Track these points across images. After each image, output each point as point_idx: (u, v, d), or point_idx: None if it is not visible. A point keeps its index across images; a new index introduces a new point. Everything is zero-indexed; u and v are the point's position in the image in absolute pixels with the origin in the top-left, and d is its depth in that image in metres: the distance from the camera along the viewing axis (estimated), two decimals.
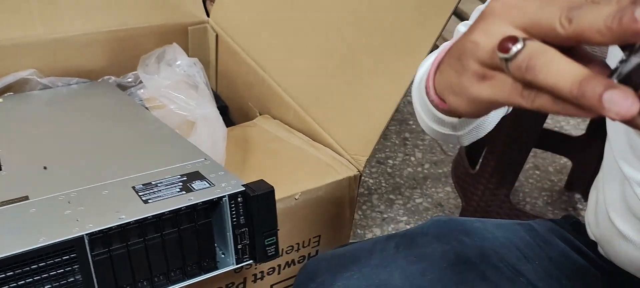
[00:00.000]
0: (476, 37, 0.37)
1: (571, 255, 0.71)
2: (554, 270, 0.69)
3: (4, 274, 0.56)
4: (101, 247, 0.60)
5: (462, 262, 0.68)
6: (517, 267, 0.69)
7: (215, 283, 0.96)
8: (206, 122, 1.06)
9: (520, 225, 0.75)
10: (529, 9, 0.34)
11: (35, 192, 0.69)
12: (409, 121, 2.02)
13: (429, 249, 0.70)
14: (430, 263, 0.69)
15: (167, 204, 0.63)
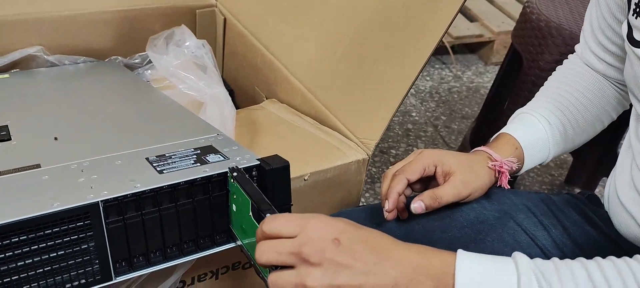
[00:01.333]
0: None
1: (585, 227, 0.72)
2: (567, 240, 0.70)
3: (17, 238, 0.55)
4: (115, 215, 0.59)
5: (481, 223, 0.69)
6: (533, 233, 0.70)
7: (222, 262, 0.96)
8: (215, 102, 1.06)
9: (538, 194, 0.77)
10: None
11: (46, 160, 0.68)
12: (412, 113, 2.02)
13: (451, 209, 0.71)
14: (451, 221, 0.71)
15: (182, 175, 0.63)
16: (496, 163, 0.71)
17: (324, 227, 0.50)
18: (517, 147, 0.74)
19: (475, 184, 0.70)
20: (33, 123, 0.86)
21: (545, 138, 0.75)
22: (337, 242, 0.49)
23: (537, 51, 1.25)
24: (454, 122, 1.98)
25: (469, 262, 0.50)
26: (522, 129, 0.76)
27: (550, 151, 0.76)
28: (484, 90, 2.32)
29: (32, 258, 0.56)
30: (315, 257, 0.49)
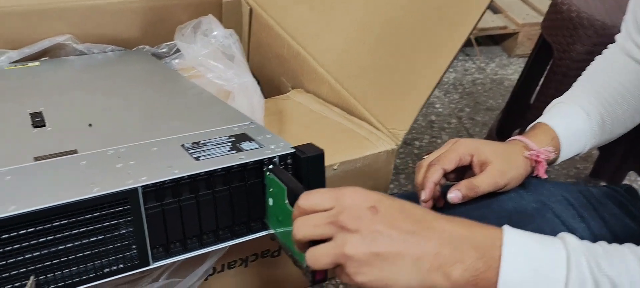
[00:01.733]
0: None
1: (624, 220, 0.71)
2: (606, 232, 0.69)
3: (58, 222, 0.55)
4: (154, 201, 0.59)
5: (519, 213, 0.69)
6: (571, 225, 0.69)
7: (252, 249, 0.96)
8: (244, 91, 1.06)
9: (576, 185, 0.76)
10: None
11: (83, 146, 0.69)
12: (435, 104, 2.01)
13: (489, 199, 0.71)
14: (490, 211, 0.70)
15: (218, 162, 0.63)
16: (533, 153, 0.70)
17: (359, 195, 0.50)
18: (554, 137, 0.73)
19: (512, 174, 0.69)
20: (66, 109, 0.86)
21: (583, 128, 0.74)
22: (374, 209, 0.48)
23: (568, 42, 1.23)
24: (478, 114, 1.96)
25: (517, 236, 0.48)
26: (560, 118, 0.74)
27: (587, 142, 0.75)
28: (508, 83, 2.30)
29: (72, 242, 0.57)
30: (352, 223, 0.48)
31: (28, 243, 0.55)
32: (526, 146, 0.71)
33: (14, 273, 0.55)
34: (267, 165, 0.64)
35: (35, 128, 0.77)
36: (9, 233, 0.53)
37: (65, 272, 0.58)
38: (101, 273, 0.60)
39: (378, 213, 0.48)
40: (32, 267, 0.56)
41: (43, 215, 0.54)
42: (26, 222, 0.54)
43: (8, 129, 0.78)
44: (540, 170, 0.71)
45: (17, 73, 1.08)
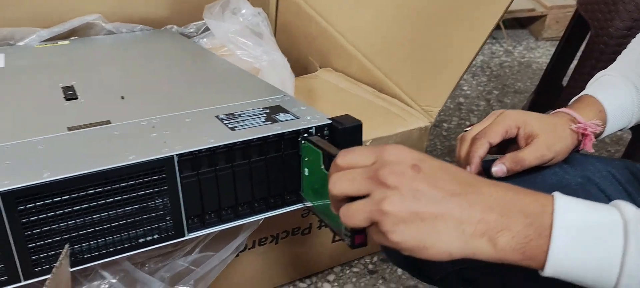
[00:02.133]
0: None
1: None
2: None
3: (93, 190, 0.54)
4: (190, 170, 0.58)
5: (564, 188, 0.66)
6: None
7: (283, 226, 0.95)
8: (274, 67, 1.04)
9: (622, 161, 0.73)
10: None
11: (116, 117, 0.68)
12: (463, 86, 1.97)
13: (532, 173, 0.68)
14: (533, 185, 0.67)
15: (254, 132, 0.61)
16: (580, 126, 0.68)
17: (402, 152, 0.46)
18: (601, 110, 0.70)
19: (559, 147, 0.66)
20: (98, 83, 0.86)
21: (630, 102, 0.71)
22: (417, 168, 0.44)
23: (606, 18, 1.19)
24: (506, 97, 1.93)
25: (570, 202, 0.45)
26: (606, 91, 0.71)
27: (633, 116, 0.72)
28: (536, 66, 2.25)
29: (106, 212, 0.56)
30: (392, 179, 0.44)
31: (63, 212, 0.54)
32: (573, 119, 0.69)
33: (49, 242, 0.54)
34: (303, 136, 0.62)
35: (67, 100, 0.76)
36: (43, 200, 0.52)
37: (100, 241, 0.57)
38: (136, 244, 0.58)
39: (421, 172, 0.44)
40: (67, 235, 0.55)
41: (77, 183, 0.53)
42: (60, 189, 0.53)
43: (40, 102, 0.78)
44: (588, 143, 0.69)
45: (48, 51, 1.08)
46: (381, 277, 1.11)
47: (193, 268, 0.71)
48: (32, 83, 0.88)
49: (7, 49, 1.08)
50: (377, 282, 1.10)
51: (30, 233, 0.53)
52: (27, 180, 0.51)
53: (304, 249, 1.02)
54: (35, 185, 0.51)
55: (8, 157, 0.57)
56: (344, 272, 1.11)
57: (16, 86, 0.87)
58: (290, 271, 1.05)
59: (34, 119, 0.71)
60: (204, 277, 0.72)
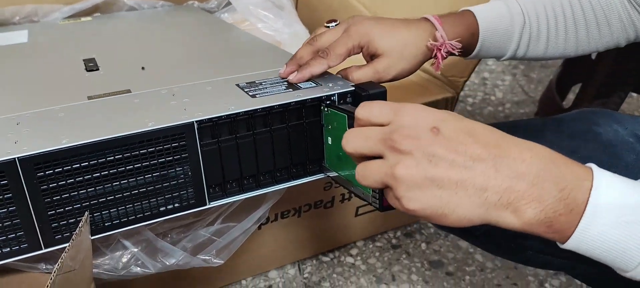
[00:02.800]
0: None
1: None
2: None
3: (112, 157, 0.54)
4: (210, 137, 0.57)
5: (615, 146, 0.64)
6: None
7: (305, 199, 0.94)
8: (295, 39, 1.03)
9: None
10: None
11: (136, 86, 0.67)
12: (488, 61, 1.93)
13: (581, 130, 0.66)
14: (583, 142, 0.65)
15: (275, 99, 0.60)
16: (436, 44, 0.66)
17: (421, 112, 0.43)
18: (474, 33, 0.68)
19: (399, 67, 0.65)
20: (119, 56, 0.85)
21: (511, 30, 0.69)
22: (436, 130, 0.41)
23: None
24: (532, 71, 1.88)
25: (608, 180, 0.41)
26: (489, 12, 0.69)
27: (509, 51, 0.70)
28: None
29: (127, 179, 0.55)
30: (406, 143, 0.41)
31: (82, 179, 0.53)
32: (433, 34, 0.66)
33: (69, 209, 0.54)
34: (325, 103, 0.61)
35: (88, 72, 0.76)
36: (62, 167, 0.52)
37: (121, 209, 0.56)
38: (157, 212, 0.58)
39: (439, 134, 0.41)
40: (87, 203, 0.55)
41: (96, 149, 0.52)
42: (79, 155, 0.52)
43: (61, 74, 0.78)
44: (436, 65, 0.67)
45: (70, 27, 1.08)
46: (405, 251, 1.10)
47: (215, 239, 0.70)
48: (53, 57, 0.88)
49: (31, 26, 1.09)
50: (401, 256, 1.09)
51: (50, 201, 0.53)
52: (46, 146, 0.51)
53: (326, 223, 1.01)
54: (54, 151, 0.51)
55: (28, 125, 0.57)
56: (367, 246, 1.10)
57: (38, 60, 0.87)
58: (313, 244, 1.04)
59: (54, 89, 0.70)
60: (226, 248, 0.71)
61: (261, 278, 1.02)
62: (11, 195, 0.51)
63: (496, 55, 0.71)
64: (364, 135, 0.45)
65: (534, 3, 0.69)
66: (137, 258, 0.65)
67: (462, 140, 0.41)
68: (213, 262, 0.71)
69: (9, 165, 0.50)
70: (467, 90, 1.73)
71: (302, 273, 1.03)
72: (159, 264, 0.67)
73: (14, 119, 0.59)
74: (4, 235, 0.52)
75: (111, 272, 0.65)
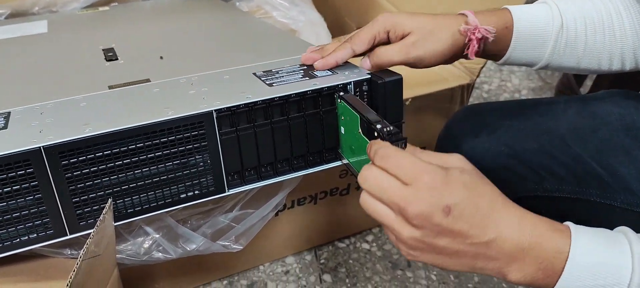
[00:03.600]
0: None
1: None
2: None
3: (134, 145, 0.55)
4: (228, 126, 0.58)
5: (638, 128, 0.63)
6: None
7: (321, 186, 0.95)
8: (310, 26, 1.03)
9: None
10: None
11: (155, 76, 0.68)
12: None
13: (603, 110, 0.66)
14: (604, 122, 0.65)
15: (292, 87, 0.61)
16: (469, 28, 0.63)
17: (438, 189, 0.45)
18: (508, 26, 0.65)
19: (430, 47, 0.62)
20: (137, 45, 0.86)
21: (547, 25, 0.65)
22: (448, 210, 0.44)
23: None
24: None
25: (585, 244, 0.45)
26: (522, 7, 0.66)
27: (546, 55, 0.66)
28: None
29: (148, 167, 0.57)
30: (418, 220, 0.45)
31: (105, 167, 0.55)
32: (467, 21, 0.64)
33: (92, 196, 0.55)
34: (342, 91, 0.61)
35: (108, 61, 0.77)
36: (86, 155, 0.53)
37: (142, 196, 0.58)
38: (178, 199, 0.59)
39: (449, 216, 0.45)
40: (110, 190, 0.56)
41: (118, 138, 0.54)
42: (102, 144, 0.53)
43: (81, 63, 0.79)
44: (471, 49, 0.63)
45: (89, 16, 1.09)
46: None
47: (234, 225, 0.72)
48: (73, 46, 0.89)
49: (50, 16, 1.10)
50: None
51: (74, 188, 0.54)
52: (70, 135, 0.52)
53: (342, 210, 1.02)
54: (78, 140, 0.52)
55: (51, 115, 0.58)
56: (382, 232, 1.11)
57: (58, 50, 0.88)
58: (329, 231, 1.06)
59: (75, 79, 0.72)
60: (244, 234, 0.72)
61: (278, 264, 1.03)
62: (37, 183, 0.52)
63: (532, 59, 0.68)
64: (381, 185, 0.47)
65: (571, 9, 0.67)
66: (158, 244, 0.67)
67: (468, 222, 0.45)
68: (232, 247, 0.73)
69: (34, 153, 0.51)
70: (483, 77, 1.73)
71: (319, 259, 1.05)
72: (180, 249, 0.69)
73: (37, 108, 0.60)
74: (31, 222, 0.54)
75: (134, 257, 0.66)
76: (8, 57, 0.85)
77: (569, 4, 0.67)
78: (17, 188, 0.52)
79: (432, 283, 1.01)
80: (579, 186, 0.66)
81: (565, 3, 0.67)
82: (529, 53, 0.67)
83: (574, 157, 0.67)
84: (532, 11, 0.66)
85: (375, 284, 1.01)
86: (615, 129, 0.65)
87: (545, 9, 0.67)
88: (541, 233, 0.46)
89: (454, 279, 1.02)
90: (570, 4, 0.67)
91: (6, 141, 0.52)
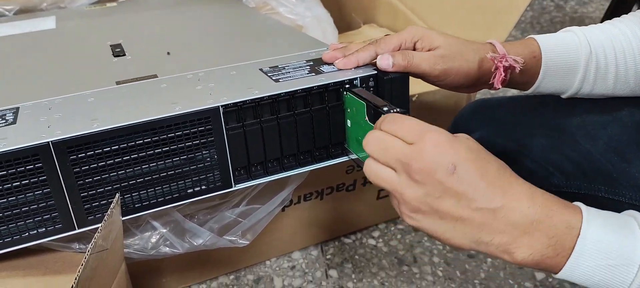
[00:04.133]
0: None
1: None
2: None
3: (141, 140, 0.55)
4: (235, 121, 0.58)
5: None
6: None
7: (327, 182, 0.95)
8: (317, 22, 1.03)
9: None
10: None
11: (163, 71, 0.68)
12: None
13: (613, 106, 0.66)
14: (614, 118, 0.65)
15: (298, 83, 0.61)
16: (496, 56, 0.62)
17: (443, 146, 0.44)
18: (535, 54, 0.64)
19: (456, 64, 0.61)
20: (145, 41, 0.87)
21: (576, 57, 0.65)
22: (453, 168, 0.44)
23: None
24: None
25: (597, 226, 0.44)
26: (549, 37, 0.65)
27: (575, 82, 0.66)
28: (589, 21, 2.16)
29: (155, 162, 0.57)
30: (421, 175, 0.44)
31: (113, 162, 0.55)
32: (494, 49, 0.63)
33: (100, 191, 0.56)
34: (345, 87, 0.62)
35: (115, 57, 0.77)
36: (94, 150, 0.54)
37: (150, 191, 0.58)
38: (185, 194, 0.60)
39: (454, 174, 0.44)
40: (118, 185, 0.56)
41: (125, 133, 0.54)
42: (110, 139, 0.54)
43: (89, 59, 0.79)
44: (498, 77, 0.63)
45: (96, 12, 1.10)
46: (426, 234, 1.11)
47: (240, 220, 0.72)
48: (81, 42, 0.90)
49: (58, 12, 1.11)
50: (422, 238, 1.10)
51: (83, 183, 0.55)
52: (78, 130, 0.52)
53: (348, 205, 1.02)
54: (86, 135, 0.52)
55: (60, 110, 0.59)
56: (388, 228, 1.11)
57: (66, 45, 0.89)
58: (335, 227, 1.06)
59: (83, 74, 0.72)
60: (251, 229, 0.73)
61: (285, 259, 1.04)
62: (46, 177, 0.53)
63: (561, 88, 0.67)
64: (384, 145, 0.46)
65: (599, 37, 0.67)
66: (165, 239, 0.67)
67: (474, 184, 0.44)
68: (239, 242, 0.73)
69: (43, 148, 0.52)
70: None
71: (325, 255, 1.05)
72: (187, 244, 0.69)
73: (46, 103, 0.61)
74: (40, 216, 0.54)
75: (141, 252, 0.67)
76: (16, 53, 0.85)
77: (595, 31, 0.67)
78: (26, 183, 0.53)
79: (439, 279, 1.02)
80: (587, 182, 0.66)
81: (590, 30, 0.67)
82: (559, 81, 0.66)
83: (583, 153, 0.67)
84: (559, 40, 0.66)
85: (382, 280, 1.01)
86: (625, 125, 0.65)
87: (572, 37, 0.66)
88: (552, 207, 0.44)
89: (461, 275, 1.02)
90: (597, 31, 0.67)
91: (15, 136, 0.53)
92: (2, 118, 0.57)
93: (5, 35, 0.95)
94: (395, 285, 1.00)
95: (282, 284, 0.99)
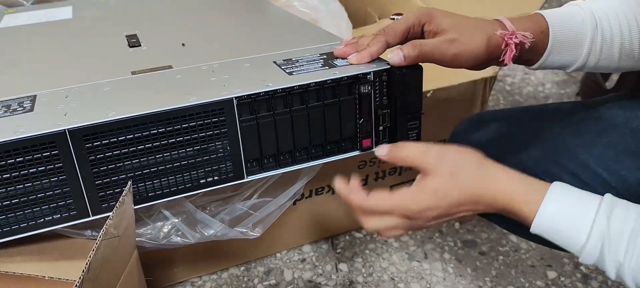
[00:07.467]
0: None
1: None
2: None
3: (156, 130, 0.56)
4: (248, 113, 0.59)
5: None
6: None
7: None
8: (331, 16, 1.03)
9: None
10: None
11: (177, 62, 0.69)
12: None
13: (609, 114, 0.66)
14: (610, 125, 0.65)
15: (312, 76, 0.61)
16: (506, 33, 0.61)
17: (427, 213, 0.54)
18: (543, 30, 0.63)
19: (464, 47, 0.61)
20: (160, 32, 0.87)
21: (582, 30, 0.64)
22: (437, 217, 0.54)
23: None
24: None
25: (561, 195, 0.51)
26: (555, 12, 0.65)
27: (582, 55, 0.65)
28: None
29: (169, 152, 0.57)
30: (427, 226, 0.56)
31: (127, 151, 0.56)
32: (503, 26, 0.62)
33: (114, 179, 0.56)
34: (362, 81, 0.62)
35: (131, 48, 0.78)
36: (109, 139, 0.54)
37: (163, 181, 0.59)
38: (197, 184, 0.60)
39: (438, 218, 0.55)
40: (132, 174, 0.57)
41: (140, 122, 0.55)
42: (124, 128, 0.54)
43: (105, 49, 0.80)
44: (508, 55, 0.62)
45: (112, 3, 1.10)
46: (438, 230, 1.11)
47: (252, 212, 0.72)
48: (97, 32, 0.91)
49: (75, 2, 1.12)
50: (434, 235, 1.09)
51: (97, 171, 0.55)
52: (94, 119, 0.53)
53: None
54: (101, 124, 0.53)
55: (76, 99, 0.59)
56: None
57: (83, 35, 0.89)
58: (346, 221, 1.06)
59: (99, 64, 0.73)
60: (262, 221, 0.73)
61: (295, 252, 1.04)
62: (61, 164, 0.54)
63: (567, 61, 0.66)
64: (395, 231, 0.56)
65: (603, 8, 0.66)
66: (177, 229, 0.68)
67: (453, 211, 0.55)
68: (250, 234, 0.74)
69: (59, 136, 0.52)
70: (507, 70, 1.71)
71: (335, 249, 1.05)
72: (198, 235, 0.70)
73: (63, 92, 0.61)
74: (55, 203, 0.55)
75: (153, 241, 0.67)
76: (34, 42, 0.87)
77: (600, 2, 0.66)
78: (42, 170, 0.53)
79: (449, 275, 1.02)
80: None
81: (595, 3, 0.66)
82: (565, 55, 0.66)
83: (580, 163, 0.66)
84: (565, 14, 0.65)
85: (392, 275, 1.01)
86: (622, 133, 0.64)
87: (577, 10, 0.66)
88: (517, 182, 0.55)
89: (472, 272, 1.02)
90: (601, 2, 0.66)
91: (32, 123, 0.53)
92: (20, 105, 0.58)
93: (23, 24, 0.96)
94: (405, 280, 1.00)
95: (292, 276, 1.00)
